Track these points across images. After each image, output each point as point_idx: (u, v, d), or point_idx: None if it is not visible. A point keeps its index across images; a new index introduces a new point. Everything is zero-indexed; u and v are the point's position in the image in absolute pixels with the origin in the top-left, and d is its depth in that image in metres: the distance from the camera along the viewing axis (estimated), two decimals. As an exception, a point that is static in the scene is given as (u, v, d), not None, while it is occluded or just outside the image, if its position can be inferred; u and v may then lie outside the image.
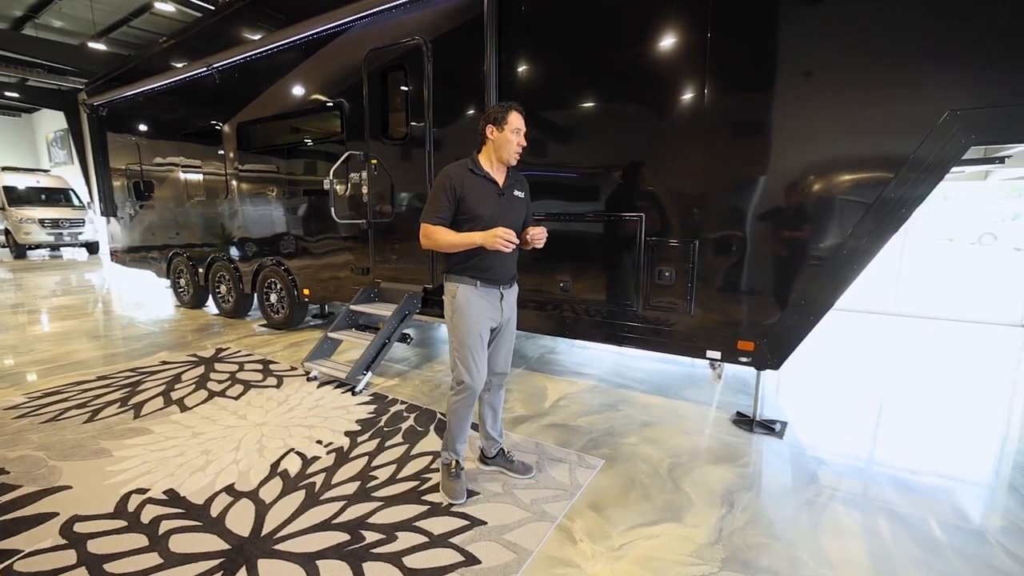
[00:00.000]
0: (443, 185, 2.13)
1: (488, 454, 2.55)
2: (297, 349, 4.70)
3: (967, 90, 2.20)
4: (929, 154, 2.29)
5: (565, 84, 3.24)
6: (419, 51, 3.75)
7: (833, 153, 2.52)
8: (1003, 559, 1.93)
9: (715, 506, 2.25)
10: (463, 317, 2.18)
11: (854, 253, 2.49)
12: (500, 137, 2.16)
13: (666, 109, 2.91)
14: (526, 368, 4.16)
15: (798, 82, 2.55)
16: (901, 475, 2.53)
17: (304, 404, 3.41)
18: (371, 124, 4.15)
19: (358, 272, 4.50)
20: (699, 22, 2.71)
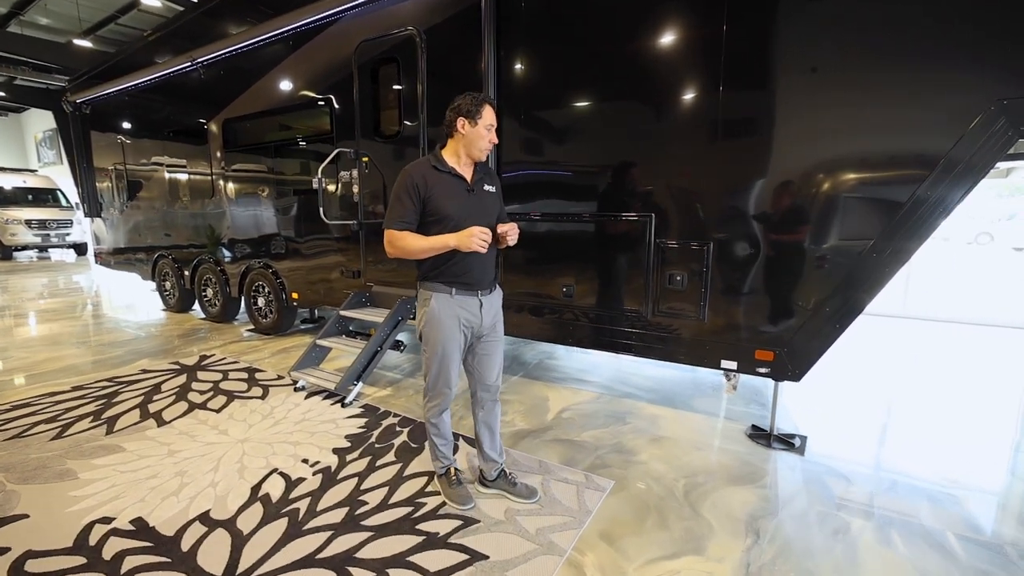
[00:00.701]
0: (405, 186, 1.95)
1: (488, 477, 2.35)
2: (285, 356, 4.47)
3: (1018, 77, 2.01)
4: (971, 149, 2.10)
5: (569, 79, 3.03)
6: (412, 43, 3.54)
7: (861, 150, 2.33)
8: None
9: (739, 535, 2.05)
10: (437, 328, 2.03)
11: (885, 256, 2.30)
12: (472, 132, 1.98)
13: (679, 105, 2.71)
14: (524, 375, 3.96)
15: (821, 77, 2.35)
16: (936, 490, 2.34)
17: (290, 417, 3.19)
18: (362, 121, 3.93)
19: (349, 275, 4.28)
20: (716, 14, 2.51)
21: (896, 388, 3.74)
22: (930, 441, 2.90)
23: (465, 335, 2.10)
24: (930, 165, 2.18)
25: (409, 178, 1.95)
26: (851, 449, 2.80)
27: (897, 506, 2.25)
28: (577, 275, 3.16)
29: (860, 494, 2.35)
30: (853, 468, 2.58)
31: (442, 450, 2.28)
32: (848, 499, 2.30)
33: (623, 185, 2.95)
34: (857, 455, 2.73)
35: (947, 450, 2.80)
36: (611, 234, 3.02)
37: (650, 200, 2.85)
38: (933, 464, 2.63)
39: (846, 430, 3.04)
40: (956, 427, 3.09)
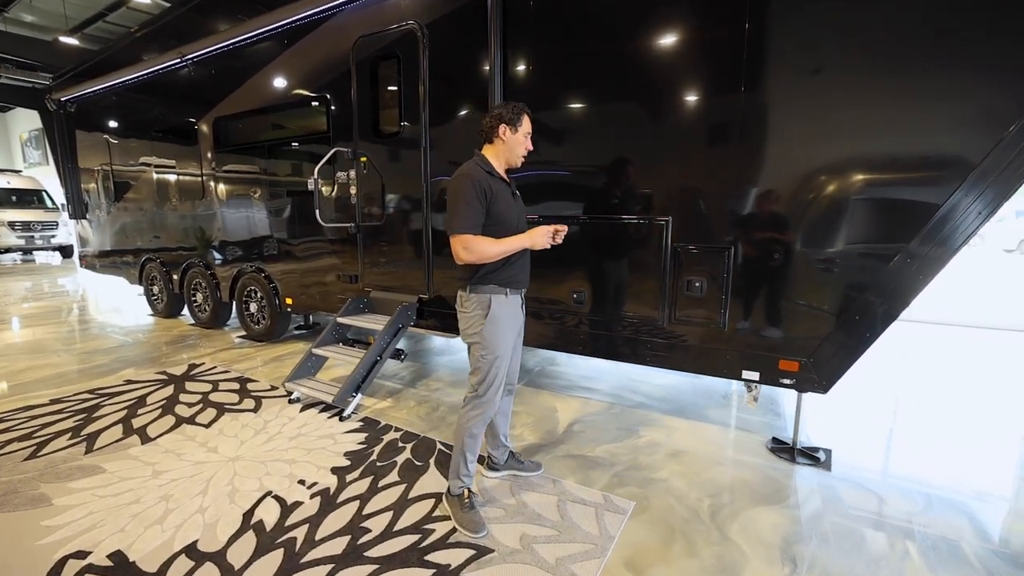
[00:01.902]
0: (474, 191, 1.97)
1: (499, 461, 2.47)
2: (278, 364, 4.27)
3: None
4: (1008, 155, 1.97)
5: (580, 78, 2.88)
6: (414, 38, 3.38)
7: (894, 151, 2.20)
8: None
9: (774, 562, 1.90)
10: (499, 330, 2.08)
11: (919, 262, 2.17)
12: (512, 139, 2.09)
13: (700, 105, 2.57)
14: (527, 383, 3.79)
15: (849, 77, 2.22)
16: (970, 504, 2.21)
17: (285, 432, 3.00)
18: (360, 120, 3.76)
19: (346, 280, 4.10)
20: (738, 13, 2.37)
21: (908, 394, 3.62)
22: (955, 450, 2.77)
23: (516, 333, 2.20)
24: (965, 170, 2.06)
25: (476, 183, 1.97)
26: (877, 461, 2.67)
27: (937, 526, 2.12)
28: (589, 281, 3.01)
29: (896, 512, 2.21)
30: (883, 482, 2.45)
31: (469, 467, 2.18)
32: (885, 518, 2.17)
33: (639, 187, 2.80)
34: (885, 468, 2.60)
35: (973, 459, 2.67)
36: (625, 238, 2.87)
37: (668, 203, 2.70)
38: (962, 474, 2.50)
39: (868, 441, 2.91)
40: (975, 434, 2.97)
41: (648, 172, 2.77)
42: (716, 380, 3.77)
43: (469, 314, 2.09)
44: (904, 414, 3.30)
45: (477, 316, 2.07)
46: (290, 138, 4.38)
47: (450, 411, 3.29)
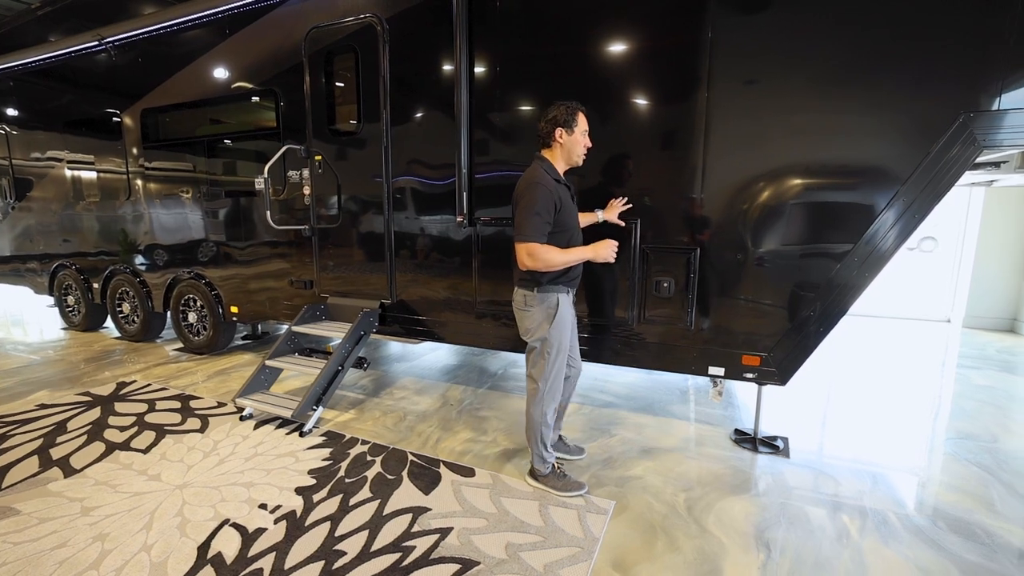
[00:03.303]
0: (547, 198, 2.05)
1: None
2: (225, 378, 3.94)
3: (982, 92, 2.13)
4: (942, 157, 2.20)
5: (551, 79, 2.87)
6: (373, 32, 3.24)
7: (843, 157, 2.38)
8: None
9: (751, 550, 1.99)
10: (563, 325, 2.23)
11: (866, 260, 2.36)
12: (570, 140, 2.16)
13: (664, 108, 2.65)
14: (492, 387, 3.75)
15: (805, 85, 2.38)
16: (911, 479, 2.44)
17: (239, 453, 2.76)
18: (314, 116, 3.55)
19: (300, 286, 3.86)
20: (701, 19, 2.47)
21: (841, 380, 3.95)
22: (892, 430, 3.05)
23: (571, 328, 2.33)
24: (903, 178, 2.26)
25: (548, 192, 2.05)
26: (829, 446, 2.88)
27: (885, 502, 2.31)
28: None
29: (849, 492, 2.39)
30: (837, 465, 2.64)
31: (549, 449, 2.36)
32: (841, 498, 2.33)
33: (607, 189, 2.84)
34: (836, 452, 2.81)
35: (901, 437, 2.95)
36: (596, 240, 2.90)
37: (635, 205, 2.76)
38: (901, 454, 2.76)
39: (819, 427, 3.13)
40: (899, 413, 3.29)
41: (617, 174, 2.82)
42: (675, 376, 3.91)
43: (534, 314, 2.22)
44: (839, 399, 3.59)
45: (543, 316, 2.21)
46: (233, 134, 4.07)
47: (418, 420, 3.18)
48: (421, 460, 2.68)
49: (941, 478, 2.56)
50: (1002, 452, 2.81)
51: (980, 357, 4.64)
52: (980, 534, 2.10)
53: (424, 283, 3.41)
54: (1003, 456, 2.76)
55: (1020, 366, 4.40)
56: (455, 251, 3.25)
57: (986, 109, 2.14)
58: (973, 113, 2.15)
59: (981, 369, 4.29)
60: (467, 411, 3.32)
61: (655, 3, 2.58)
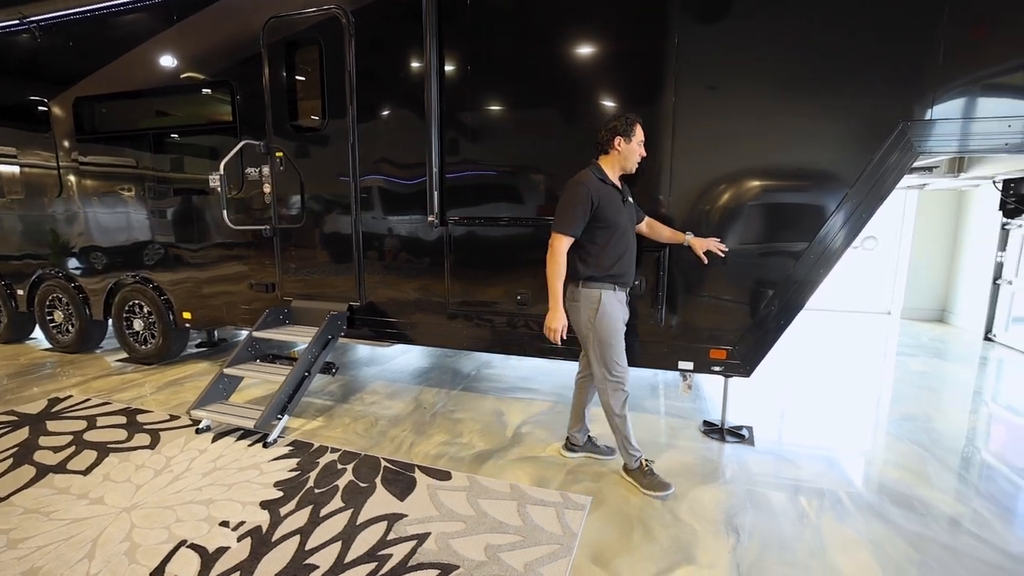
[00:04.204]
0: (583, 196, 2.19)
1: (578, 442, 2.68)
2: (177, 389, 3.70)
3: (917, 103, 2.31)
4: (885, 162, 2.37)
5: (521, 79, 2.88)
6: (338, 24, 3.14)
7: (799, 161, 2.51)
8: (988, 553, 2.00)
9: (721, 535, 2.07)
10: (610, 320, 2.30)
11: (820, 258, 2.52)
12: (627, 148, 2.29)
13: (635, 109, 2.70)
14: (465, 388, 3.73)
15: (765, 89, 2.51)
16: (860, 461, 2.63)
17: (196, 469, 2.60)
18: (274, 111, 3.40)
19: (261, 289, 3.68)
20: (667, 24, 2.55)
21: (803, 371, 4.19)
22: (843, 416, 3.27)
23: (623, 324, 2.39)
24: (853, 176, 2.43)
25: (586, 189, 2.19)
26: (789, 433, 3.05)
27: (839, 482, 2.47)
28: (533, 282, 3.02)
29: (809, 475, 2.53)
30: (796, 451, 2.79)
31: (633, 442, 2.41)
32: (801, 482, 2.47)
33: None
34: (795, 438, 2.98)
35: (851, 421, 3.17)
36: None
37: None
38: (851, 437, 2.96)
39: (779, 416, 3.31)
40: (857, 401, 3.53)
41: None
42: (645, 372, 4.02)
43: (579, 309, 2.32)
44: (796, 388, 3.80)
45: (589, 311, 2.29)
46: (183, 128, 3.82)
47: (391, 424, 3.11)
48: (395, 466, 2.62)
49: (886, 457, 2.77)
50: (936, 431, 3.07)
51: (916, 345, 5.05)
52: (919, 506, 2.29)
53: (394, 284, 3.33)
54: (936, 434, 3.02)
55: (949, 352, 4.83)
56: (426, 251, 3.20)
57: (921, 119, 2.33)
58: (910, 122, 2.33)
59: (917, 356, 4.66)
60: (441, 414, 3.28)
61: (623, 8, 2.64)
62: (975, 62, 2.27)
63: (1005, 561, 1.94)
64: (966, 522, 2.18)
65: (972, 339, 5.26)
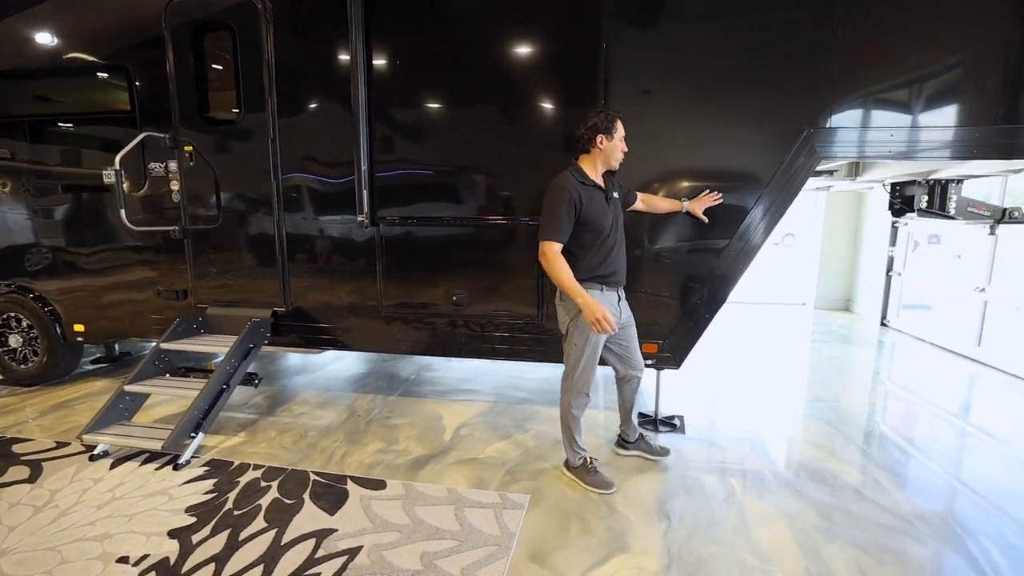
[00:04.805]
0: (565, 200, 2.14)
1: (630, 439, 2.68)
2: (67, 413, 3.27)
3: (819, 112, 2.52)
4: (793, 164, 2.56)
5: (453, 75, 2.83)
6: (252, 9, 2.92)
7: (719, 163, 2.66)
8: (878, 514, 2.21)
9: (654, 522, 2.13)
10: None
11: (739, 253, 2.67)
12: (610, 146, 2.23)
13: (566, 111, 2.75)
14: (404, 393, 3.61)
15: (688, 94, 2.64)
16: (778, 441, 2.83)
17: (88, 501, 2.30)
18: (182, 100, 3.10)
19: (170, 296, 3.34)
20: (594, 32, 2.61)
21: (728, 360, 4.46)
22: (764, 400, 3.51)
23: None
24: (767, 177, 2.61)
25: (567, 194, 2.14)
26: (717, 420, 3.22)
27: (760, 462, 2.64)
28: (468, 282, 2.98)
29: (734, 458, 2.68)
30: (723, 435, 2.96)
31: (580, 441, 2.42)
32: (727, 464, 2.61)
33: (513, 188, 2.88)
34: (722, 424, 3.15)
35: (775, 406, 3.42)
36: (502, 239, 2.92)
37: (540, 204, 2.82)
38: (771, 420, 3.19)
39: (708, 404, 3.48)
40: (776, 386, 3.81)
41: (521, 173, 2.86)
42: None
43: (565, 307, 2.28)
44: (722, 377, 4.03)
45: (573, 309, 2.22)
46: (70, 116, 3.40)
47: (321, 435, 2.93)
48: (325, 479, 2.47)
49: (800, 436, 3.00)
50: (842, 409, 3.37)
51: (826, 332, 5.54)
52: (829, 478, 2.49)
53: (324, 288, 3.15)
54: (843, 412, 3.31)
55: (853, 338, 5.34)
56: (357, 253, 3.06)
57: (822, 127, 2.54)
58: (813, 129, 2.54)
59: (827, 343, 5.12)
60: (376, 421, 3.13)
61: (553, 10, 2.67)
62: (864, 77, 2.52)
63: (897, 522, 2.16)
64: (866, 490, 2.40)
65: (871, 325, 5.86)
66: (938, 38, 2.47)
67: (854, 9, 2.43)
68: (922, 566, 1.89)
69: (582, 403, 2.37)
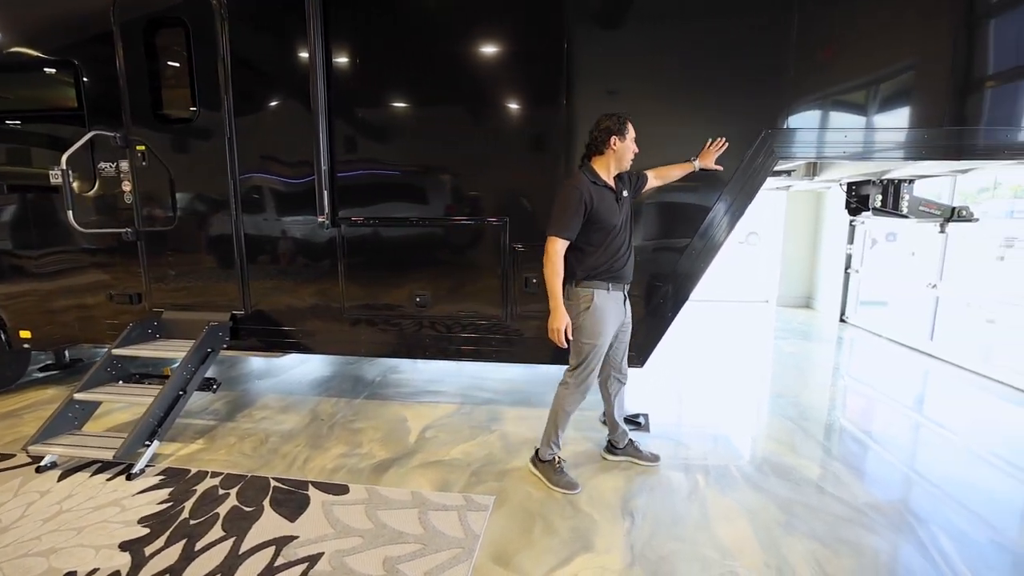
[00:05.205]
0: (576, 198, 2.18)
1: (619, 445, 2.65)
2: (14, 423, 3.12)
3: (776, 114, 2.59)
4: (752, 165, 2.62)
5: (414, 74, 2.80)
6: (207, 5, 2.83)
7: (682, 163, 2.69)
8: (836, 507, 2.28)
9: (618, 521, 2.15)
10: (601, 321, 2.29)
11: (701, 252, 2.72)
12: (622, 147, 2.27)
13: (530, 110, 2.75)
14: (370, 396, 3.56)
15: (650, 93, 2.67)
16: (742, 436, 2.88)
17: (34, 515, 2.20)
18: (133, 98, 2.99)
19: (123, 300, 3.22)
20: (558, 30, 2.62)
21: (694, 358, 4.55)
22: (728, 397, 3.59)
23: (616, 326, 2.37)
24: (727, 177, 2.66)
25: (579, 193, 2.18)
26: (681, 417, 3.28)
27: (723, 458, 2.69)
28: (432, 283, 2.96)
29: (697, 454, 2.73)
30: (687, 432, 3.00)
31: (560, 438, 2.45)
32: (691, 461, 2.66)
33: (477, 188, 2.87)
34: (687, 420, 3.21)
35: (738, 402, 3.50)
36: (466, 239, 2.91)
37: (505, 203, 2.83)
38: (734, 415, 3.26)
39: (673, 401, 3.54)
40: (739, 383, 3.90)
41: (485, 173, 2.86)
42: (553, 368, 4.10)
43: (573, 307, 2.28)
44: (688, 374, 4.11)
45: (580, 307, 2.27)
46: (13, 113, 3.23)
47: (283, 440, 2.87)
48: (286, 484, 2.42)
49: (762, 432, 3.07)
50: (802, 404, 3.46)
51: (787, 329, 5.70)
52: (789, 472, 2.56)
53: (285, 290, 3.09)
54: (803, 408, 3.41)
55: (813, 334, 5.51)
56: (318, 254, 3.00)
57: (779, 128, 2.61)
58: (771, 130, 2.61)
59: (788, 339, 5.26)
60: (340, 424, 3.08)
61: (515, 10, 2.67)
62: (819, 80, 2.60)
63: (853, 513, 2.22)
64: (825, 483, 2.46)
65: (831, 322, 6.06)
66: (889, 43, 2.56)
67: (809, 13, 2.51)
68: (876, 556, 1.96)
69: (578, 400, 2.40)
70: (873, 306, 5.88)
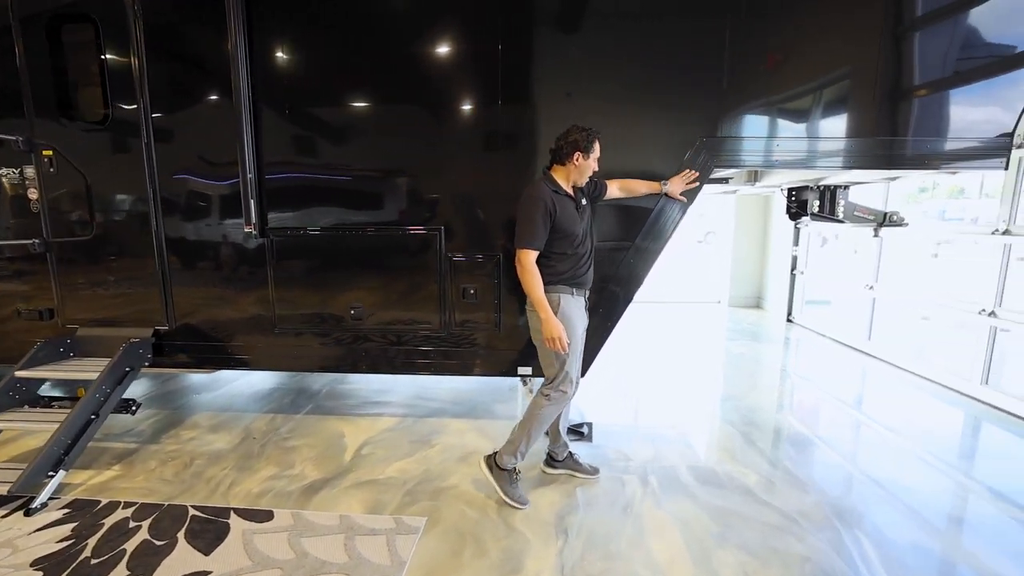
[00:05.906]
0: (541, 209, 2.19)
1: (558, 457, 2.61)
2: (-92, 453, 2.85)
3: (711, 122, 2.61)
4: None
5: (341, 77, 2.69)
6: (118, 1, 2.64)
7: (625, 167, 2.66)
8: (772, 516, 2.31)
9: (551, 539, 2.12)
10: (571, 325, 2.28)
11: (643, 254, 2.71)
12: (585, 164, 2.26)
13: (461, 114, 2.68)
14: (313, 410, 3.43)
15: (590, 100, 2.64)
16: (683, 444, 2.90)
17: (-88, 558, 1.99)
18: (37, 98, 2.77)
19: (33, 316, 2.98)
20: (491, 32, 2.57)
21: (643, 361, 4.59)
22: (673, 401, 3.61)
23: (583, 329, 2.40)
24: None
25: (543, 203, 2.19)
26: (624, 425, 3.26)
27: (662, 468, 2.69)
28: (367, 294, 2.85)
29: (637, 464, 2.72)
30: (629, 441, 2.99)
31: (527, 449, 2.38)
32: (630, 472, 2.65)
33: (409, 195, 2.78)
34: (630, 428, 3.20)
35: (683, 407, 3.53)
36: (401, 249, 2.82)
37: (439, 211, 2.75)
38: (677, 421, 3.27)
39: (618, 409, 3.54)
40: (686, 386, 3.94)
41: (418, 179, 2.77)
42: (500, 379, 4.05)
43: (536, 314, 2.24)
44: (636, 379, 4.13)
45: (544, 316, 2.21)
46: None
47: (210, 463, 2.72)
48: (205, 513, 2.28)
49: (704, 439, 3.10)
50: (746, 408, 3.52)
51: (737, 330, 5.83)
52: (725, 480, 2.57)
53: (213, 303, 2.92)
54: (746, 411, 3.46)
55: (762, 335, 5.65)
56: (247, 263, 2.86)
57: (714, 135, 2.63)
58: (707, 137, 2.62)
59: (738, 340, 5.38)
60: (273, 443, 2.95)
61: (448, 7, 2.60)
62: (751, 89, 2.62)
63: (782, 521, 2.25)
64: (760, 490, 2.48)
65: (778, 321, 6.24)
66: (820, 54, 2.61)
67: (741, 24, 2.53)
68: (801, 565, 1.97)
69: (557, 411, 2.38)
70: (818, 305, 6.09)
